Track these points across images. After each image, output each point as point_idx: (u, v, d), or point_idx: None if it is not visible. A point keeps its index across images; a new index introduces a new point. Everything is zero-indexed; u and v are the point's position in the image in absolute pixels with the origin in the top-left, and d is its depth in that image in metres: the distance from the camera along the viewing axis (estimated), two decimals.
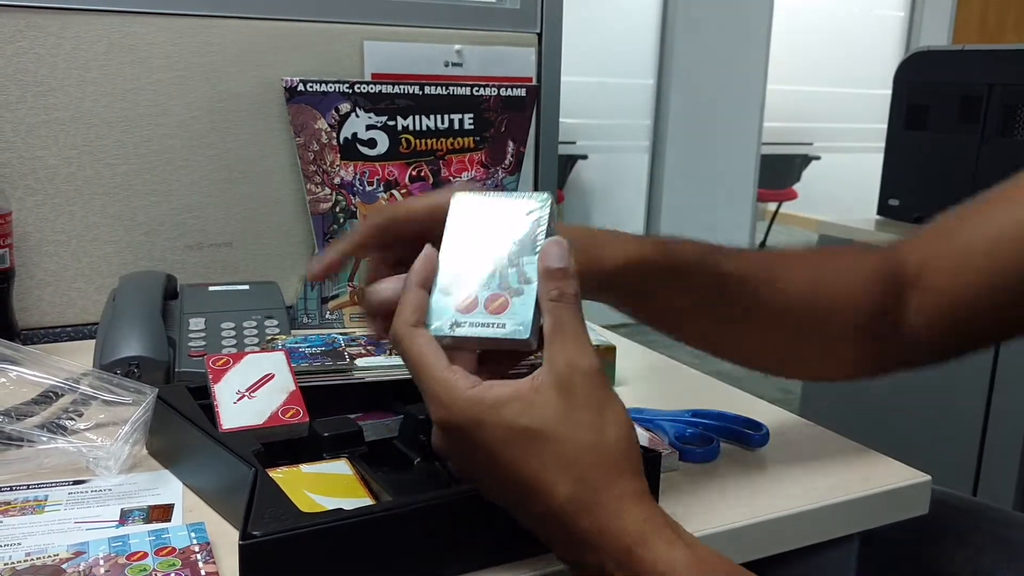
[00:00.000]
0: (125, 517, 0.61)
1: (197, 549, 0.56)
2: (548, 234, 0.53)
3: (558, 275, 0.50)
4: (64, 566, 0.53)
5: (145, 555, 0.55)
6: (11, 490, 0.65)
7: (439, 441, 0.52)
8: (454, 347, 0.51)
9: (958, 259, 0.69)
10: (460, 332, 0.51)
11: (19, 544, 0.57)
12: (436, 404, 0.49)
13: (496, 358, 0.54)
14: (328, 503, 0.56)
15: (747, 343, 0.71)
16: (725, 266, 0.66)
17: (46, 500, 0.63)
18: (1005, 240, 0.67)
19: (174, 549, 0.55)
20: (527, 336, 0.50)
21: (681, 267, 0.64)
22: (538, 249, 0.52)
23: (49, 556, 0.54)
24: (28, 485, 0.66)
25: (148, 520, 0.61)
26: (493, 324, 0.51)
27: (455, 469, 0.54)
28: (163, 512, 0.62)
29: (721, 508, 0.65)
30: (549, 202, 0.54)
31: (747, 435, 0.76)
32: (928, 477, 0.72)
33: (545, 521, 0.49)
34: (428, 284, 0.53)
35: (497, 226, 0.54)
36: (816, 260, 0.72)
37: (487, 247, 0.53)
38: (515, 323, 0.51)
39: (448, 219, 0.55)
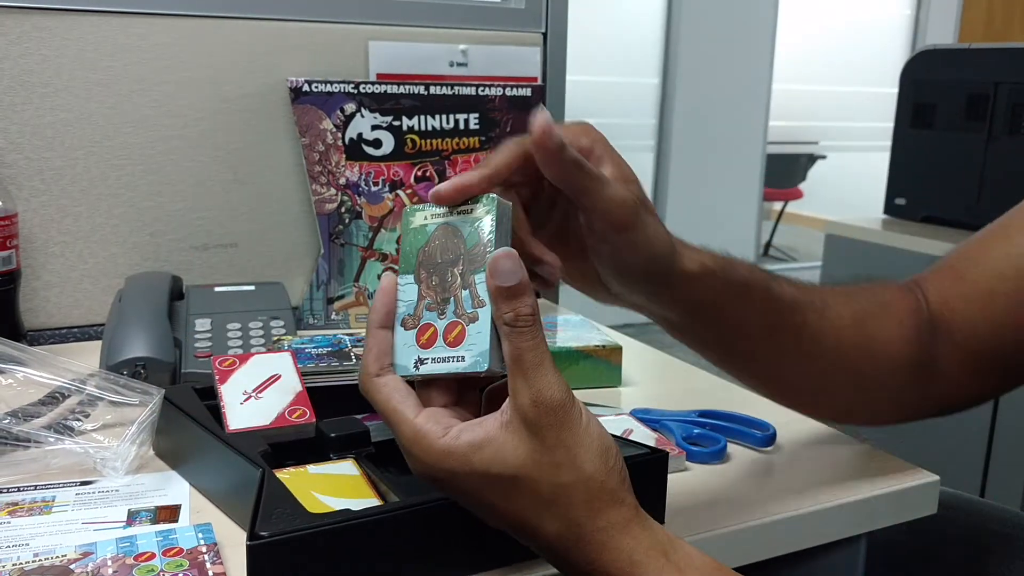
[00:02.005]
0: (132, 518, 0.61)
1: (204, 550, 0.56)
2: (499, 243, 0.48)
3: (510, 294, 0.46)
4: (72, 566, 0.53)
5: (153, 556, 0.55)
6: (19, 491, 0.65)
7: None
8: (425, 384, 0.49)
9: (972, 300, 0.68)
10: (424, 370, 0.49)
11: (27, 544, 0.57)
12: (409, 457, 0.49)
13: (471, 382, 0.51)
14: (335, 504, 0.56)
15: (786, 373, 0.68)
16: (779, 291, 0.64)
17: (54, 501, 0.64)
18: (1011, 276, 0.67)
19: (181, 550, 0.55)
20: (485, 368, 0.47)
21: (741, 284, 0.61)
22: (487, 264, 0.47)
23: (57, 557, 0.54)
24: (36, 486, 0.66)
25: (155, 521, 0.61)
26: (452, 358, 0.48)
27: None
28: (170, 513, 0.62)
29: (728, 509, 0.65)
30: (494, 206, 0.49)
31: (754, 435, 0.76)
32: (936, 477, 0.71)
33: (542, 551, 0.49)
34: (388, 322, 0.50)
35: (449, 240, 0.49)
36: (861, 294, 0.70)
37: (441, 266, 0.49)
38: (473, 355, 0.47)
39: (402, 237, 0.51)
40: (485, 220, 0.48)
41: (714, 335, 0.64)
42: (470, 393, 0.52)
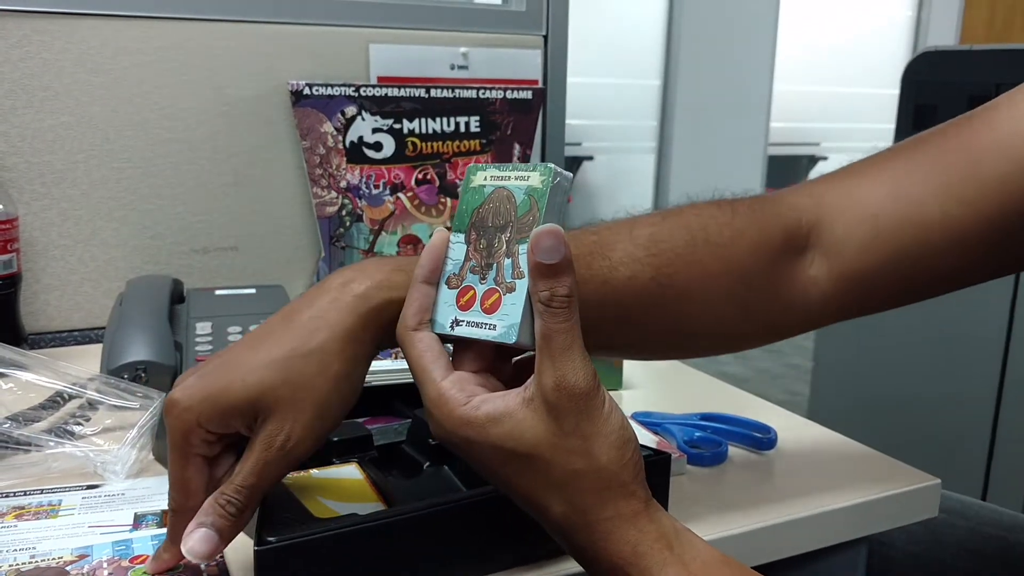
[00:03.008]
0: (139, 521, 0.61)
1: None
2: (548, 217, 0.47)
3: (548, 272, 0.45)
4: (68, 568, 0.53)
5: (148, 558, 0.55)
6: (25, 494, 0.65)
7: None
8: (461, 345, 0.50)
9: (861, 220, 0.62)
10: (458, 331, 0.48)
11: (34, 548, 0.57)
12: (430, 419, 0.49)
13: (505, 351, 0.50)
14: (340, 508, 0.56)
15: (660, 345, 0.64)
16: (581, 236, 0.58)
17: (60, 504, 0.64)
18: (901, 199, 0.60)
19: None
20: (514, 340, 0.47)
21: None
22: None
23: (53, 559, 0.54)
24: (42, 490, 0.66)
25: (162, 524, 0.61)
26: (485, 324, 0.48)
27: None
28: None
29: (730, 512, 0.65)
30: (550, 176, 0.47)
31: (755, 438, 0.76)
32: (938, 480, 0.71)
33: (548, 527, 0.49)
34: (434, 278, 0.50)
35: (502, 205, 0.49)
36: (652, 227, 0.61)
37: (491, 230, 0.49)
38: (504, 325, 0.47)
39: (460, 194, 0.51)
40: (539, 189, 0.47)
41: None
42: (504, 362, 0.51)
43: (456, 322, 0.49)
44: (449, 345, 0.51)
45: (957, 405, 1.81)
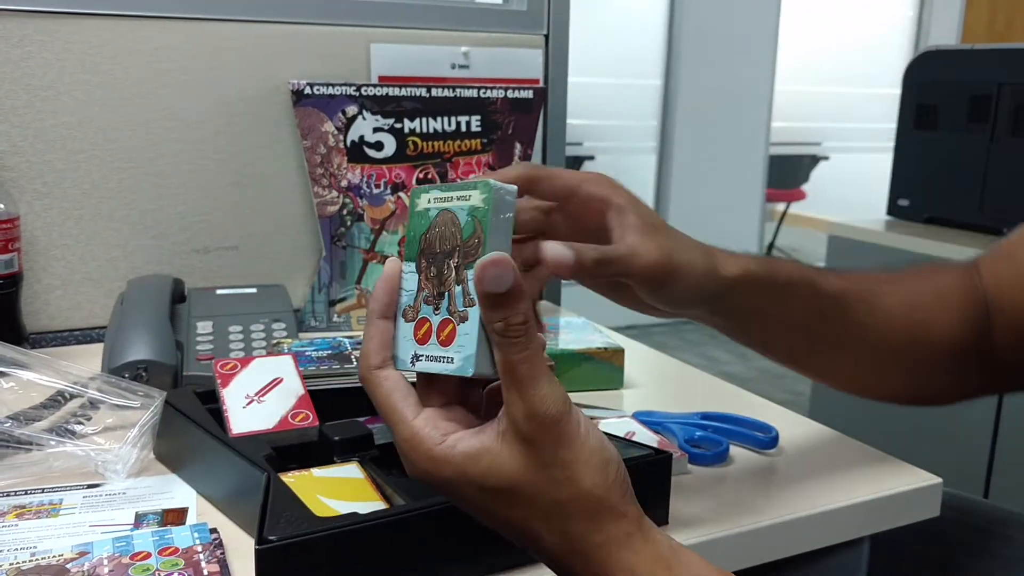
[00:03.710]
0: (140, 520, 0.62)
1: (200, 549, 0.56)
2: (493, 238, 0.44)
3: (499, 302, 0.43)
4: (68, 566, 0.53)
5: (148, 555, 0.55)
6: (26, 493, 0.65)
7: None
8: (425, 379, 0.48)
9: (1020, 282, 0.70)
10: (419, 367, 0.47)
11: (35, 547, 0.57)
12: (405, 459, 0.48)
13: (472, 380, 0.48)
14: (341, 507, 0.56)
15: (839, 363, 0.71)
16: (825, 286, 0.66)
17: (61, 504, 0.64)
18: None
19: (177, 549, 0.56)
20: (471, 372, 0.44)
21: (785, 284, 0.64)
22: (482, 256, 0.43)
23: (54, 556, 0.54)
24: (43, 489, 0.66)
25: (163, 524, 0.61)
26: (443, 358, 0.46)
27: None
28: (177, 516, 0.62)
29: (731, 511, 0.65)
30: (490, 193, 0.44)
31: (757, 438, 0.76)
32: (939, 479, 0.71)
33: (542, 559, 0.49)
34: (390, 312, 0.49)
35: (447, 229, 0.46)
36: (912, 281, 0.72)
37: (439, 257, 0.46)
38: (461, 357, 0.45)
39: (408, 220, 0.48)
40: (480, 209, 0.44)
41: (765, 334, 0.67)
42: (473, 392, 0.51)
43: (416, 357, 0.47)
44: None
45: (959, 405, 1.80)
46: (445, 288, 0.45)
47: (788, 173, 5.30)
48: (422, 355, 0.47)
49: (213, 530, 0.58)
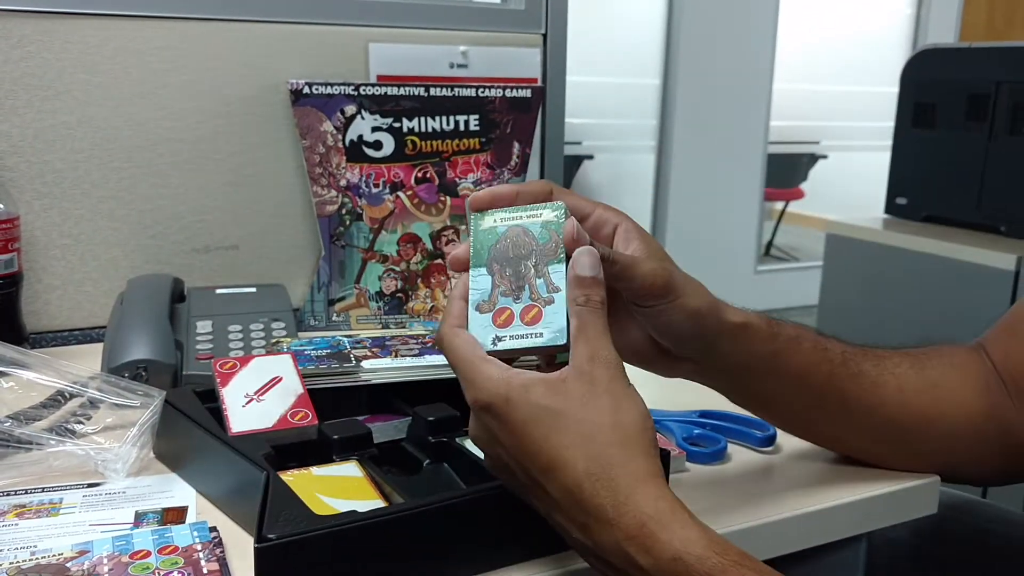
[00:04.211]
0: (140, 519, 0.62)
1: (199, 547, 0.56)
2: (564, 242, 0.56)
3: (587, 283, 0.53)
4: (68, 565, 0.53)
5: (148, 554, 0.55)
6: (26, 493, 0.65)
7: (473, 427, 0.54)
8: (501, 359, 0.54)
9: None
10: (502, 346, 0.54)
11: (35, 546, 0.57)
12: (471, 387, 0.52)
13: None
14: (340, 505, 0.56)
15: (846, 427, 0.70)
16: (827, 343, 0.67)
17: (61, 503, 0.64)
18: None
19: (177, 548, 0.56)
20: (564, 340, 0.54)
21: (791, 340, 0.64)
22: (561, 257, 0.55)
23: (54, 555, 0.55)
24: (43, 488, 0.66)
25: (163, 523, 0.61)
26: (531, 335, 0.54)
27: (485, 460, 0.56)
28: (177, 514, 0.63)
29: (729, 509, 0.65)
30: (564, 211, 0.57)
31: (754, 436, 0.76)
32: (936, 477, 0.71)
33: (564, 500, 0.50)
34: (466, 296, 0.56)
35: (520, 239, 0.57)
36: (926, 356, 0.70)
37: (514, 260, 0.56)
38: (552, 331, 0.54)
39: (472, 235, 0.58)
40: (554, 223, 0.56)
41: (767, 391, 0.66)
42: None
43: (497, 339, 0.54)
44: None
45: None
46: (524, 282, 0.55)
47: (786, 172, 5.29)
48: (504, 336, 0.54)
49: (213, 529, 0.59)
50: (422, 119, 1.09)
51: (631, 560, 0.48)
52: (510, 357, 0.55)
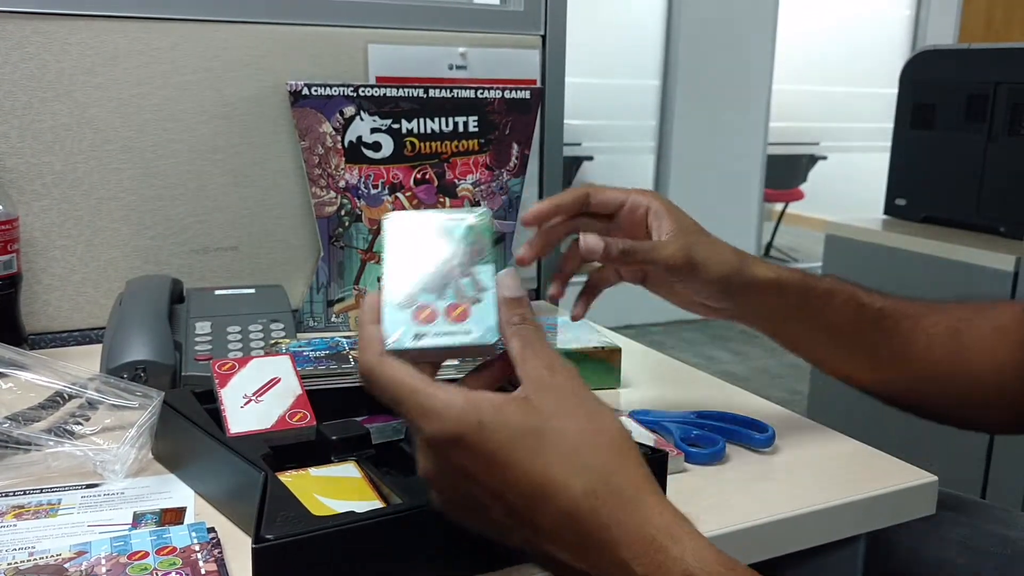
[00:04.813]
0: (138, 520, 0.62)
1: (198, 548, 0.56)
2: (493, 244, 0.55)
3: (517, 303, 0.52)
4: (66, 565, 0.54)
5: (146, 554, 0.55)
6: (24, 494, 0.65)
7: (432, 467, 0.50)
8: (417, 360, 0.51)
9: None
10: (424, 343, 0.51)
11: (33, 547, 0.57)
12: (430, 417, 0.47)
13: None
14: (338, 506, 0.56)
15: (884, 376, 0.76)
16: (868, 300, 0.73)
17: (59, 504, 0.64)
18: None
19: (175, 548, 0.56)
20: (496, 338, 0.51)
21: (824, 293, 0.71)
22: (488, 259, 0.54)
23: (52, 556, 0.55)
24: (41, 489, 0.66)
25: (161, 523, 0.61)
26: (458, 332, 0.51)
27: (441, 500, 0.51)
28: (175, 515, 0.63)
29: (727, 509, 0.65)
30: (489, 216, 0.56)
31: (753, 436, 0.76)
32: (935, 478, 0.72)
33: (558, 526, 0.46)
34: (377, 319, 0.52)
35: (439, 240, 0.55)
36: (964, 310, 0.76)
37: (433, 260, 0.54)
38: (481, 328, 0.52)
39: (386, 240, 0.55)
40: (480, 226, 0.55)
41: (802, 340, 0.75)
42: None
43: (418, 335, 0.51)
44: None
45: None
46: (448, 280, 0.53)
47: (786, 173, 5.30)
48: (427, 332, 0.51)
49: (211, 529, 0.59)
50: (421, 120, 1.10)
51: None
52: (430, 360, 0.51)
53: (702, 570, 0.44)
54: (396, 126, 1.09)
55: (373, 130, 1.08)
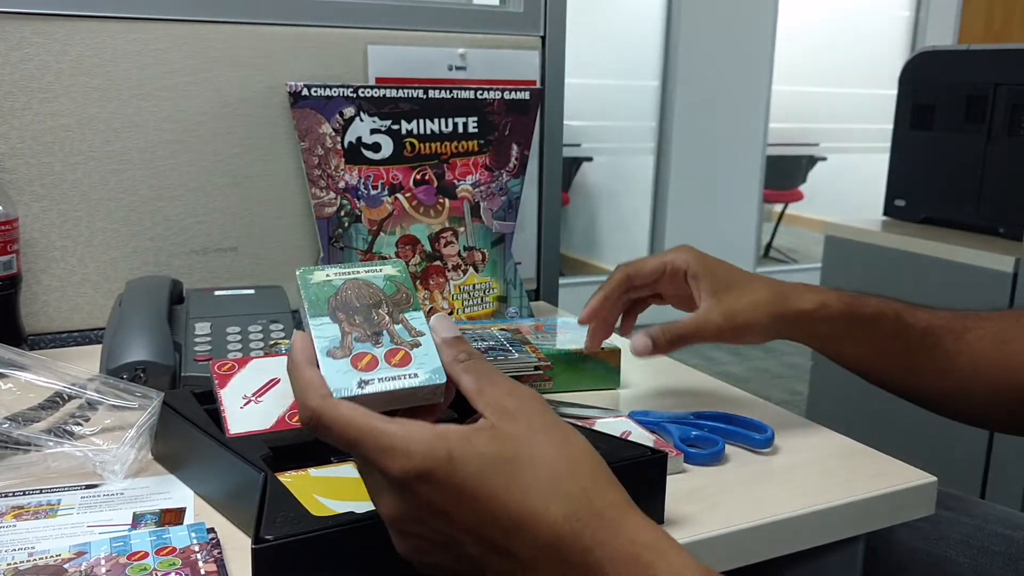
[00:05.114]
0: (137, 521, 0.62)
1: (197, 548, 0.56)
2: (415, 293, 0.56)
3: (457, 343, 0.52)
4: (66, 566, 0.53)
5: (146, 555, 0.55)
6: (24, 494, 0.65)
7: (395, 507, 0.46)
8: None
9: None
10: (370, 389, 0.50)
11: (32, 547, 0.57)
12: (394, 455, 0.44)
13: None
14: (338, 506, 0.56)
15: (929, 390, 0.80)
16: (912, 320, 0.75)
17: (59, 504, 0.64)
18: None
19: (174, 549, 0.56)
20: (444, 379, 0.51)
21: (870, 319, 0.75)
22: (417, 306, 0.55)
23: (51, 556, 0.55)
24: (41, 489, 0.66)
25: (160, 524, 0.61)
26: (404, 375, 0.51)
27: (410, 547, 0.48)
28: (175, 516, 0.63)
29: (726, 510, 0.65)
30: (404, 267, 0.57)
31: (752, 437, 0.76)
32: (934, 478, 0.72)
33: (539, 556, 0.44)
34: (314, 362, 0.50)
35: (361, 289, 0.55)
36: (1010, 318, 0.79)
37: (362, 308, 0.54)
38: (427, 370, 0.51)
39: (303, 289, 0.54)
40: (400, 276, 0.56)
41: (851, 359, 0.80)
42: None
43: (363, 382, 0.50)
44: None
45: None
46: (381, 328, 0.53)
47: (786, 174, 5.30)
48: (372, 379, 0.51)
49: (211, 530, 0.59)
50: (421, 121, 1.10)
51: None
52: (376, 408, 0.48)
53: None
54: (396, 127, 1.09)
55: (373, 131, 1.08)
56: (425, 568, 0.48)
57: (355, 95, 1.07)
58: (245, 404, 0.67)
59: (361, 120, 1.07)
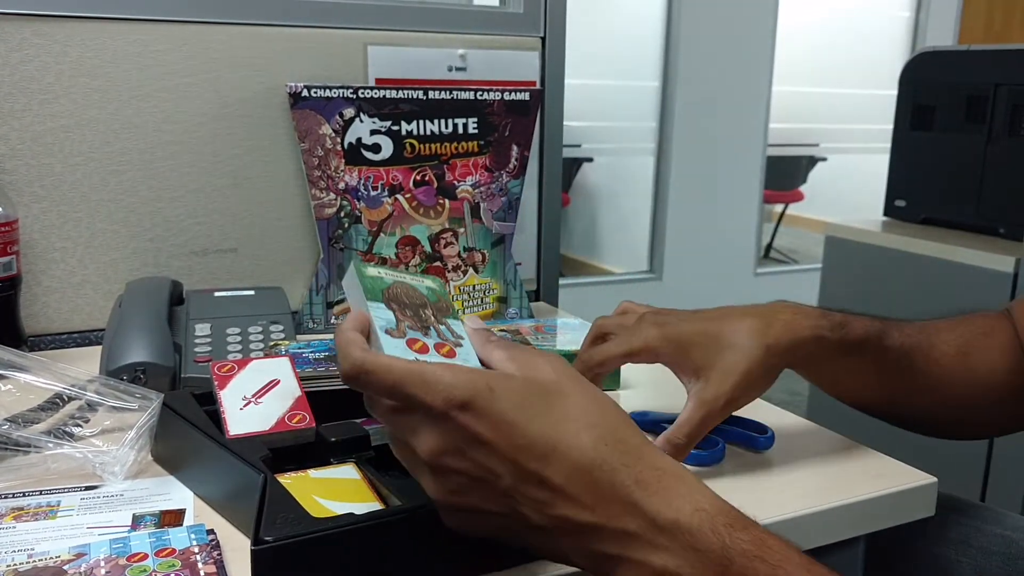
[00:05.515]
0: (137, 522, 0.62)
1: (197, 550, 0.56)
2: (452, 303, 0.60)
3: (487, 331, 0.57)
4: (66, 567, 0.53)
5: (145, 556, 0.55)
6: (24, 495, 0.65)
7: (433, 440, 0.48)
8: None
9: None
10: None
11: (32, 549, 0.57)
12: (437, 387, 0.47)
13: None
14: (338, 508, 0.56)
15: (910, 410, 0.79)
16: (889, 341, 0.74)
17: (59, 505, 0.64)
18: None
19: (174, 550, 0.56)
20: None
21: (855, 344, 0.73)
22: (457, 315, 0.58)
23: (51, 558, 0.55)
24: (40, 491, 0.66)
25: (160, 525, 0.61)
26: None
27: (446, 488, 0.50)
28: (175, 517, 0.63)
29: None
30: (440, 282, 0.61)
31: (752, 438, 0.76)
32: (934, 479, 0.72)
33: (571, 480, 0.47)
34: (360, 329, 0.53)
35: (408, 291, 0.58)
36: (962, 326, 0.79)
37: (411, 306, 0.57)
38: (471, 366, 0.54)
39: (361, 278, 0.57)
40: (440, 290, 0.60)
41: (842, 389, 0.78)
42: None
43: (419, 361, 0.52)
44: None
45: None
46: (429, 325, 0.56)
47: (786, 174, 5.30)
48: (426, 361, 0.52)
49: (210, 531, 0.59)
50: (421, 122, 1.10)
51: (650, 519, 0.47)
52: None
53: (712, 506, 0.48)
54: (396, 128, 1.09)
55: (373, 132, 1.08)
56: (456, 517, 0.51)
57: (355, 96, 1.07)
58: (245, 405, 0.67)
59: (361, 121, 1.07)
